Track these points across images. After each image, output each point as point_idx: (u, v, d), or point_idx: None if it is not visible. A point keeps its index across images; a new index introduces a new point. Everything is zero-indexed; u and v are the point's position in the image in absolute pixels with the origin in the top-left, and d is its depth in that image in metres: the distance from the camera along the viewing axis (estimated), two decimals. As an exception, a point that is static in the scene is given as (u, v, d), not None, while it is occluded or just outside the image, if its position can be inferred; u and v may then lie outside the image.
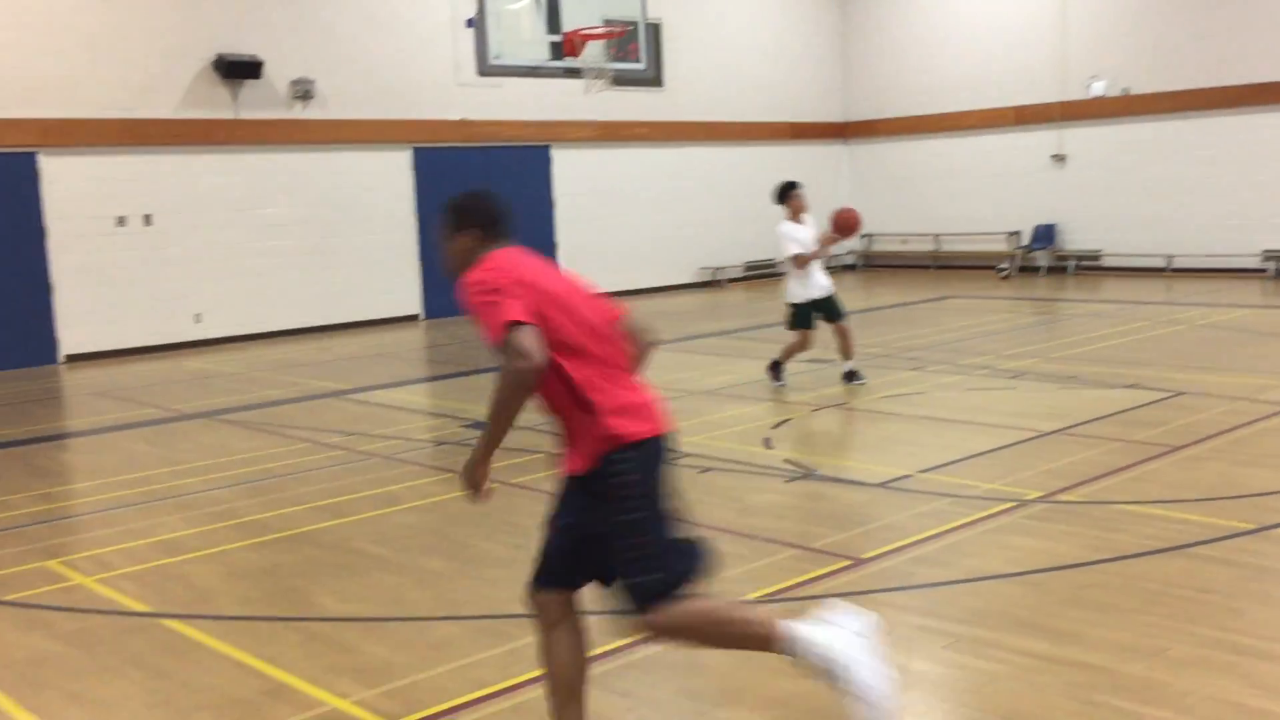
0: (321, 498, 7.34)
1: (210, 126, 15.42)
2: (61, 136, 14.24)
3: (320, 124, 16.37)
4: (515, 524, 6.58)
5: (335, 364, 13.50)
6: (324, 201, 16.58)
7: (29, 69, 13.99)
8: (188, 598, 5.59)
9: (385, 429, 9.46)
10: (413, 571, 5.85)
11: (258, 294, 15.99)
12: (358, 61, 16.72)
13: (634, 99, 19.86)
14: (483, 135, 18.05)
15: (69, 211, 14.40)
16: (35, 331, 14.28)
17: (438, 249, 3.94)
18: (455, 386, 11.77)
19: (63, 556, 6.35)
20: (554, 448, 3.70)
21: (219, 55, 15.31)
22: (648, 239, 20.41)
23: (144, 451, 9.06)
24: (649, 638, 3.71)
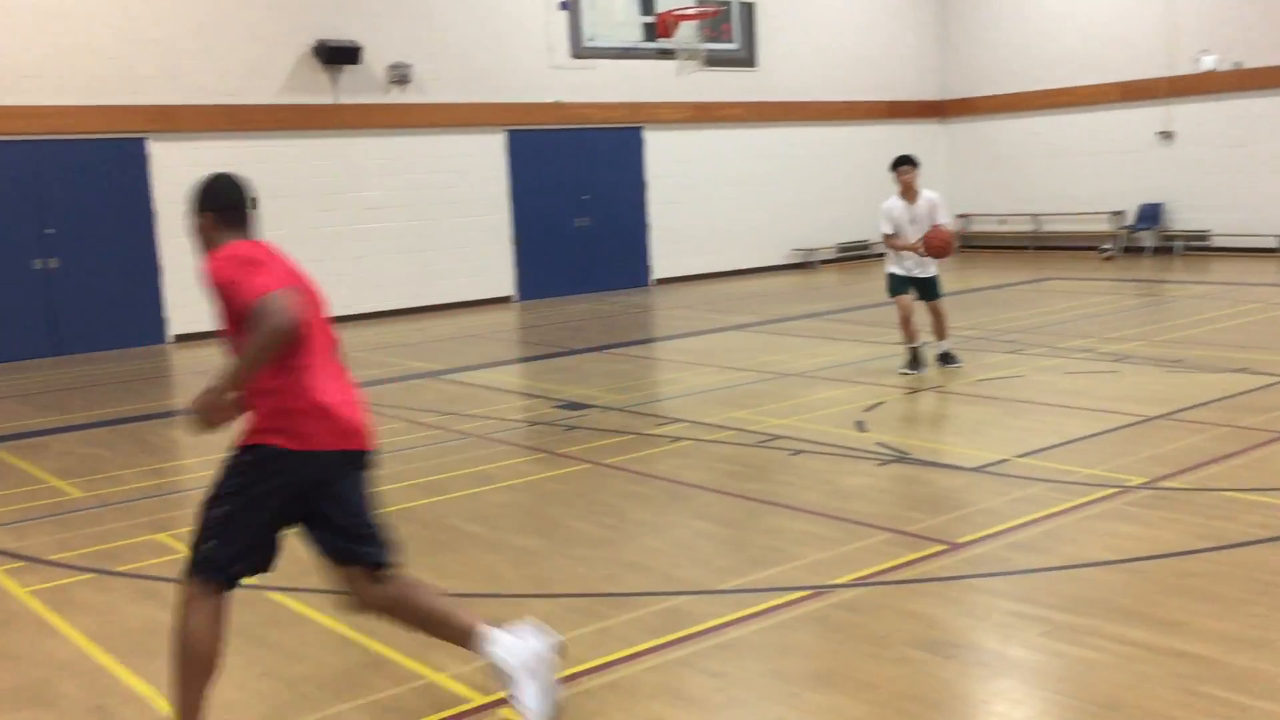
0: (418, 476, 7.48)
1: (310, 112, 15.73)
2: (168, 123, 14.66)
3: (416, 108, 16.59)
4: (608, 504, 6.64)
5: (430, 345, 13.72)
6: (419, 185, 16.81)
7: (138, 58, 14.41)
8: (291, 571, 5.71)
9: (479, 409, 9.59)
10: (506, 549, 5.93)
11: (354, 276, 16.29)
12: (454, 46, 16.90)
13: (727, 79, 19.75)
14: (575, 117, 18.12)
15: (176, 196, 14.81)
16: (145, 312, 14.75)
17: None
18: (548, 367, 11.88)
19: (171, 530, 6.56)
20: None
21: (319, 41, 15.61)
22: (739, 220, 20.32)
23: (248, 429, 9.30)
24: (363, 608, 3.98)
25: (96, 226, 14.32)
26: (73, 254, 14.19)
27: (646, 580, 5.35)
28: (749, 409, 9.02)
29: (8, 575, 5.86)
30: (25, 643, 4.95)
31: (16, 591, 5.61)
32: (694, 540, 5.95)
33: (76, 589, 5.62)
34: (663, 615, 4.90)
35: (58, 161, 14.02)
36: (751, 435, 8.11)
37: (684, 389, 10.19)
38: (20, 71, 13.61)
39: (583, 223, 18.47)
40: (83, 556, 6.10)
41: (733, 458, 7.55)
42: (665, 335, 14.21)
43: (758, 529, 6.05)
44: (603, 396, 9.85)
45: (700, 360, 11.55)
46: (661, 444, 8.04)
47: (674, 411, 9.15)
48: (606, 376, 10.92)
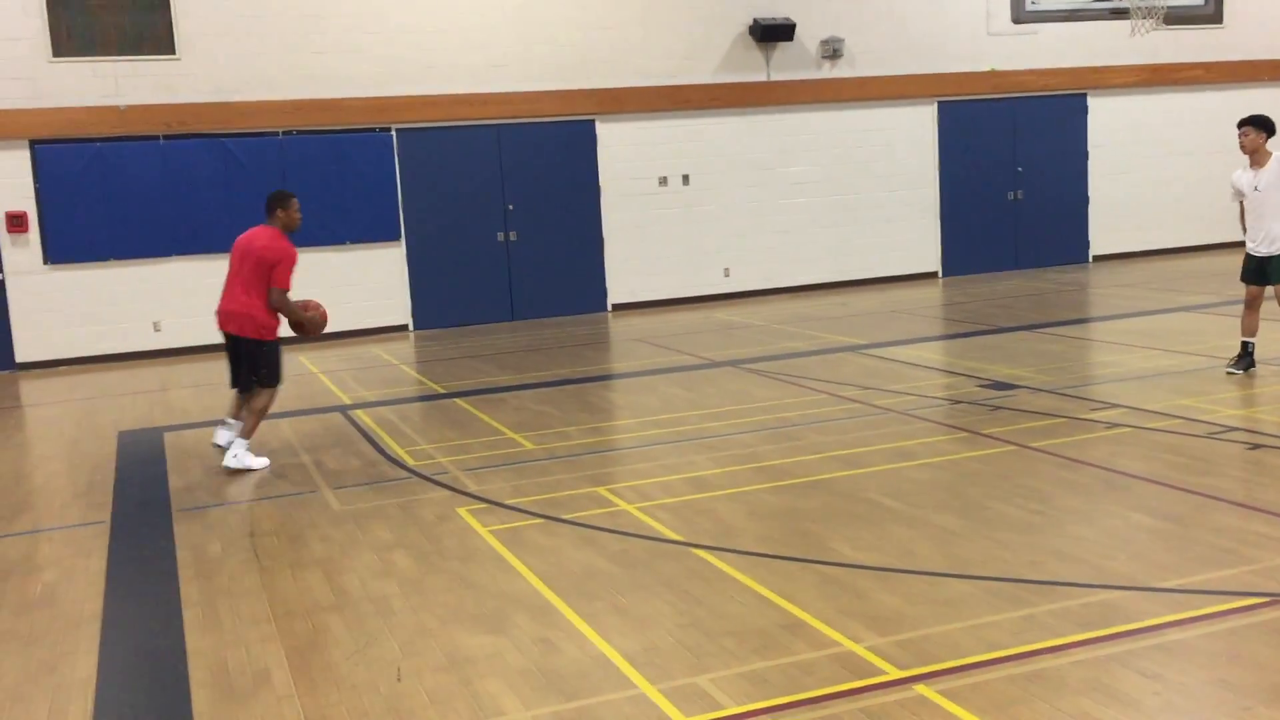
0: (837, 448, 7.54)
1: (744, 90, 16.17)
2: (614, 104, 15.64)
3: (847, 82, 16.59)
4: (1034, 488, 6.36)
5: (853, 319, 13.73)
6: (847, 159, 16.81)
7: (590, 45, 15.48)
8: (715, 531, 6.01)
9: (900, 384, 9.49)
10: (924, 526, 5.86)
11: (781, 250, 16.61)
12: (887, 17, 16.70)
13: (1188, 38, 18.06)
14: (1012, 86, 17.34)
15: (618, 172, 15.81)
16: (589, 282, 15.90)
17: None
18: (972, 345, 11.52)
19: (609, 485, 7.07)
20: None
21: (755, 20, 15.99)
22: (1194, 192, 18.55)
23: (677, 394, 9.81)
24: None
25: (549, 203, 15.59)
26: (529, 228, 15.55)
27: (1075, 570, 5.09)
28: (1199, 397, 8.28)
29: (473, 515, 6.57)
30: (486, 576, 5.54)
31: (480, 530, 6.28)
32: (1130, 533, 5.58)
33: (528, 532, 6.20)
34: (1093, 608, 4.64)
35: (518, 143, 15.39)
36: (1201, 425, 7.44)
37: (1124, 372, 9.52)
38: (491, 62, 15.06)
39: (1016, 195, 17.68)
40: (534, 503, 6.72)
41: (1178, 448, 6.98)
42: (1105, 315, 13.32)
43: (1205, 526, 5.56)
44: (1032, 377, 9.42)
45: (1144, 342, 10.73)
46: (1096, 429, 7.58)
47: (1111, 396, 8.58)
48: (1037, 356, 10.43)
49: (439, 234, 15.13)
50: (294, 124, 14.30)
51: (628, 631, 4.74)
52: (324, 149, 14.46)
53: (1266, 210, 8.88)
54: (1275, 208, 8.85)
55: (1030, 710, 3.83)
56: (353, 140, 14.58)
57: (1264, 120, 8.98)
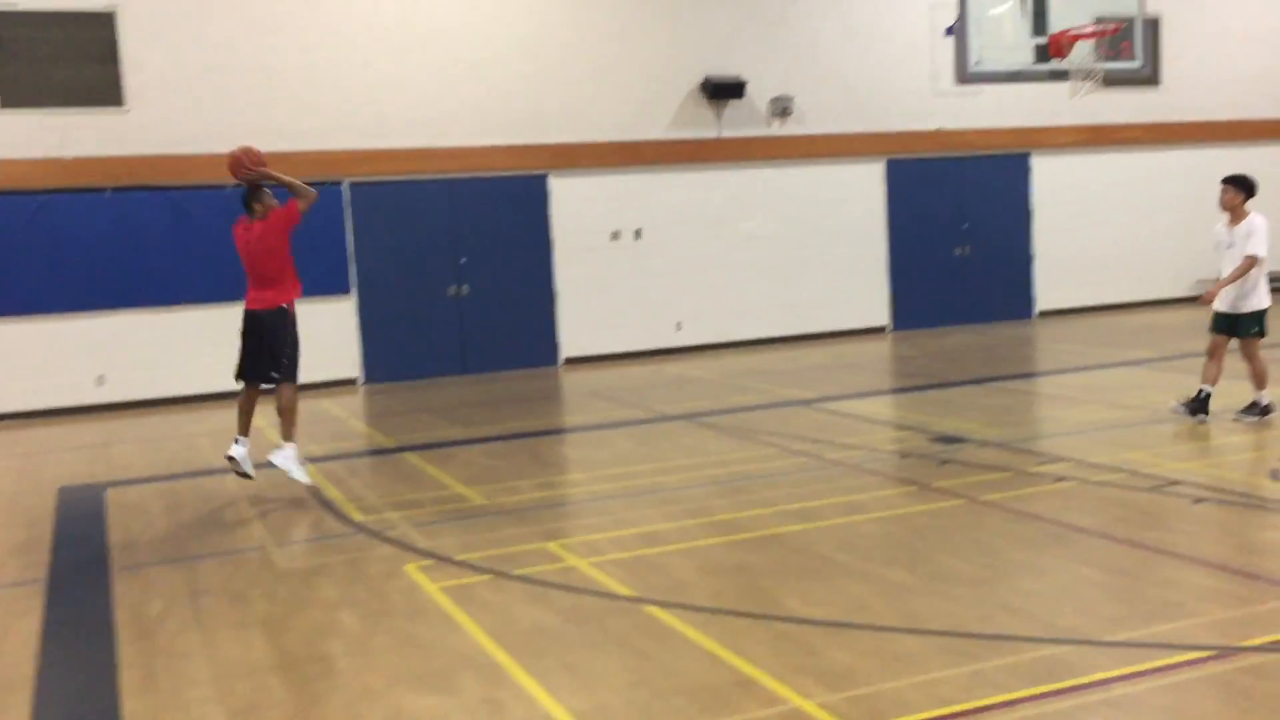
0: (789, 502, 7.54)
1: (696, 146, 16.35)
2: (567, 159, 15.74)
3: (797, 139, 16.82)
4: (984, 542, 6.39)
5: (804, 373, 13.80)
6: (797, 215, 17.01)
7: (542, 99, 15.59)
8: (666, 586, 5.97)
9: (851, 438, 9.54)
10: (876, 580, 5.85)
11: (732, 304, 16.71)
12: (835, 76, 17.00)
13: (1126, 99, 18.55)
14: (958, 144, 17.68)
15: (571, 227, 15.88)
16: (542, 335, 15.88)
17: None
18: (922, 399, 11.62)
19: (560, 539, 7.01)
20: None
21: (706, 77, 16.20)
22: (1135, 249, 18.98)
23: (630, 448, 9.79)
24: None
25: (502, 256, 15.60)
26: (481, 281, 15.53)
27: (1025, 625, 5.10)
28: (1143, 450, 8.39)
29: (421, 571, 6.48)
30: (433, 634, 5.46)
31: (428, 586, 6.19)
32: (1078, 586, 5.61)
33: (477, 588, 6.12)
34: (1042, 663, 4.65)
35: (471, 197, 15.42)
36: (1146, 479, 7.54)
37: (1070, 426, 9.64)
38: (445, 116, 15.12)
39: (962, 251, 17.96)
40: (483, 559, 6.64)
41: (1124, 502, 7.05)
42: (1050, 369, 13.50)
43: (1151, 580, 5.61)
44: (980, 431, 9.51)
45: (1089, 396, 10.88)
46: (1043, 483, 7.65)
47: (1058, 450, 8.67)
48: (985, 410, 10.53)
49: (390, 287, 15.07)
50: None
51: (577, 690, 4.68)
52: (274, 202, 14.38)
53: (1229, 267, 9.19)
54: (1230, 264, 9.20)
55: (981, 767, 3.82)
56: (304, 193, 14.52)
57: (1243, 180, 9.37)
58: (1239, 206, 9.30)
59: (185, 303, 13.95)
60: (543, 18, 15.53)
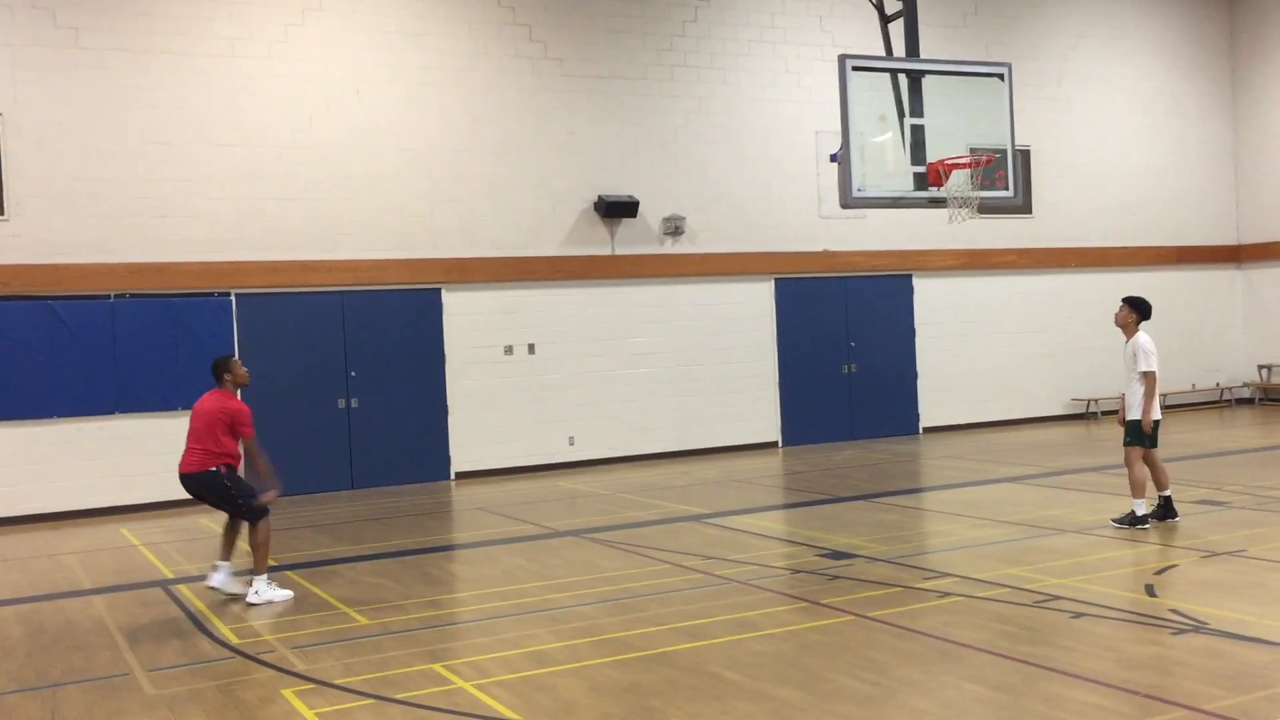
0: (679, 619, 7.48)
1: (590, 263, 16.55)
2: (461, 274, 15.78)
3: (688, 258, 17.16)
4: (871, 659, 6.41)
5: (695, 488, 13.84)
6: (689, 331, 17.25)
7: (438, 214, 15.67)
8: (554, 709, 5.84)
9: (742, 554, 9.55)
10: (765, 700, 5.81)
11: (625, 419, 16.76)
12: (726, 198, 17.46)
13: (1001, 226, 19.42)
14: (844, 265, 18.23)
15: (464, 341, 15.84)
16: (433, 450, 15.67)
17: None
18: (812, 515, 11.72)
19: (446, 660, 6.82)
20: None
21: (600, 196, 16.50)
22: (1014, 369, 19.67)
23: (519, 565, 9.64)
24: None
25: (393, 369, 15.45)
26: (371, 395, 15.33)
27: (913, 743, 5.10)
28: (1025, 566, 8.56)
29: (298, 696, 6.23)
30: (310, 761, 5.22)
31: (305, 713, 5.94)
32: (965, 704, 5.64)
33: (358, 713, 5.90)
34: (930, 783, 4.63)
35: (363, 309, 15.30)
36: (1028, 594, 7.68)
37: (954, 542, 9.81)
38: (337, 229, 15.07)
39: (850, 369, 18.37)
40: (365, 682, 6.42)
41: (1007, 617, 7.16)
42: (935, 485, 13.78)
43: (1035, 696, 5.67)
44: (868, 546, 9.61)
45: (972, 512, 11.10)
46: (930, 599, 7.73)
47: (943, 565, 8.80)
48: (873, 526, 10.66)
49: (276, 399, 14.75)
50: (128, 287, 13.92)
51: (460, 821, 4.50)
52: (157, 313, 14.09)
53: (1126, 378, 9.90)
54: (1128, 378, 9.88)
55: None
56: (188, 304, 14.26)
57: (1137, 302, 10.09)
58: (1130, 325, 10.01)
59: (58, 415, 13.46)
60: (438, 134, 15.70)
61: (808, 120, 17.90)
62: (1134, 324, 10.03)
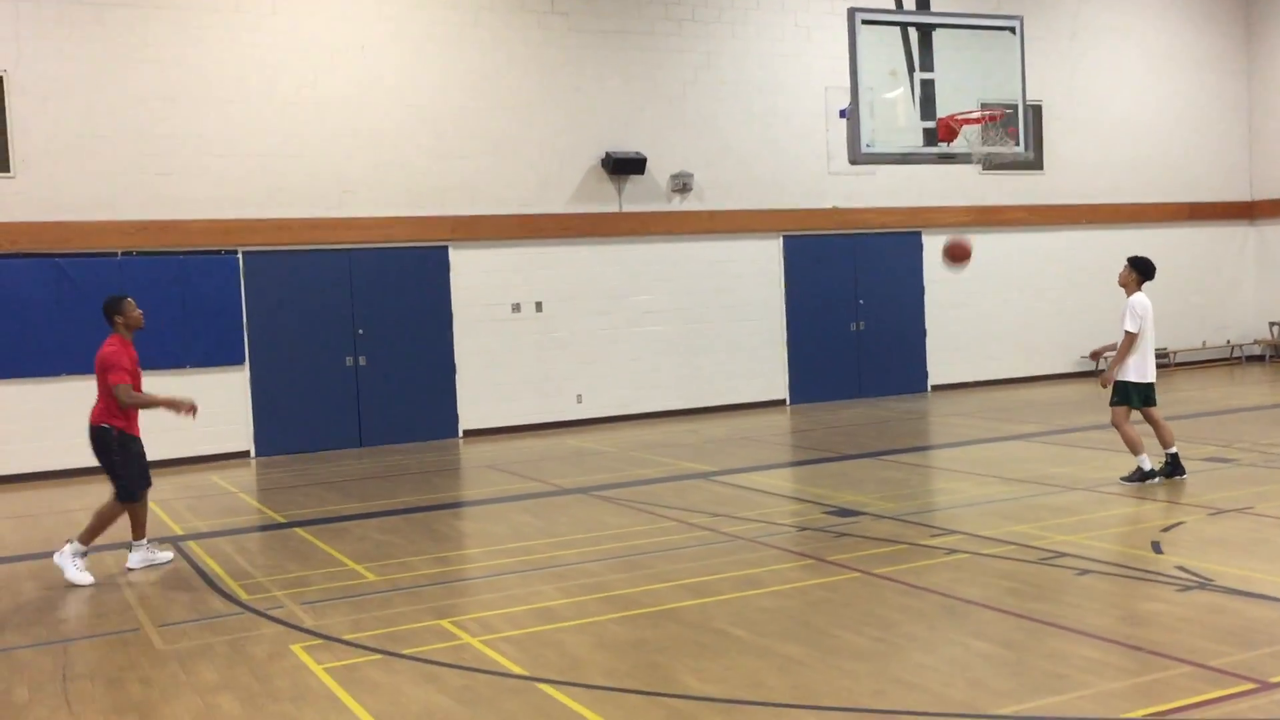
0: (686, 576, 7.51)
1: (597, 220, 16.48)
2: (468, 231, 15.73)
3: (696, 215, 17.07)
4: (878, 615, 6.43)
5: (703, 446, 13.85)
6: (696, 289, 17.20)
7: (445, 172, 15.60)
8: (560, 664, 5.87)
9: (749, 511, 9.57)
10: (771, 656, 5.84)
11: (632, 377, 16.76)
12: (733, 155, 17.34)
13: (1011, 182, 19.27)
14: (853, 222, 18.12)
15: (471, 299, 15.82)
16: (441, 408, 15.70)
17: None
18: (819, 472, 11.73)
19: (453, 617, 6.87)
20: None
21: (607, 153, 16.39)
22: (1023, 326, 19.59)
23: (526, 522, 9.67)
24: None
25: (401, 328, 15.44)
26: (379, 353, 15.34)
27: (917, 699, 5.13)
28: (1031, 523, 8.57)
29: (306, 652, 6.28)
30: (317, 717, 5.27)
31: (314, 667, 5.99)
32: (969, 659, 5.66)
33: (365, 669, 5.95)
34: (934, 738, 4.66)
35: (370, 268, 15.27)
36: (1034, 551, 7.69)
37: (961, 499, 9.81)
38: (344, 186, 15.01)
39: (858, 326, 18.32)
40: (373, 638, 6.47)
41: (1013, 574, 7.17)
42: (942, 443, 13.77)
43: (1039, 652, 5.69)
44: (875, 504, 9.62)
45: (979, 470, 11.10)
46: (936, 556, 7.74)
47: (950, 522, 8.81)
48: (880, 483, 10.67)
49: (285, 358, 14.79)
50: (136, 245, 13.91)
51: (466, 774, 4.55)
52: (165, 271, 14.08)
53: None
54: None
55: (873, 845, 3.79)
56: (196, 262, 14.25)
57: (1140, 262, 10.08)
58: (1131, 284, 10.05)
59: (67, 373, 13.47)
60: (445, 90, 15.59)
61: (817, 75, 17.72)
62: (1135, 283, 10.03)
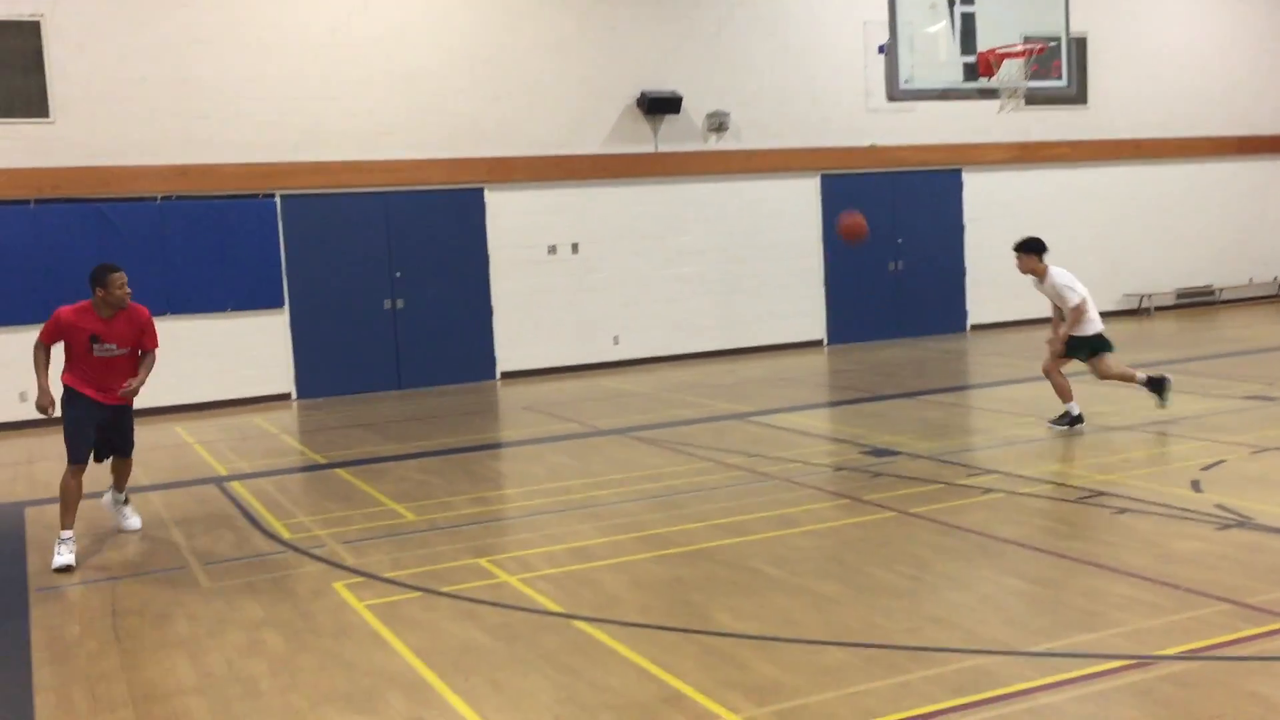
0: (721, 516, 7.56)
1: (633, 161, 16.38)
2: (503, 173, 15.69)
3: (732, 155, 16.93)
4: (913, 554, 6.45)
5: (740, 387, 13.85)
6: (733, 230, 17.10)
7: (480, 113, 15.54)
8: (596, 602, 5.95)
9: (785, 452, 9.58)
10: (805, 594, 5.88)
11: (669, 318, 16.75)
12: (770, 92, 17.13)
13: (1054, 117, 18.92)
14: (891, 160, 17.90)
15: (507, 241, 15.82)
16: (478, 350, 15.79)
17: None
18: (856, 412, 11.71)
19: (491, 555, 6.96)
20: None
21: (643, 93, 16.25)
22: (1066, 264, 19.02)
23: (563, 463, 9.75)
24: None
25: (438, 271, 15.49)
26: (417, 296, 15.41)
27: (950, 636, 5.15)
28: (1069, 463, 8.53)
29: (348, 589, 6.40)
30: (360, 653, 5.38)
31: (356, 605, 6.11)
32: (1003, 597, 5.68)
33: (405, 606, 6.05)
34: (967, 674, 4.69)
35: (406, 210, 15.30)
36: (1071, 490, 7.66)
37: (999, 439, 9.77)
38: (379, 128, 14.99)
39: (896, 266, 18.17)
40: (413, 576, 6.57)
41: (1049, 513, 7.16)
42: (981, 383, 13.69)
43: (1075, 590, 5.69)
44: (912, 444, 9.60)
45: (1018, 409, 11.04)
46: (972, 495, 7.74)
47: (987, 462, 8.78)
48: (917, 423, 10.65)
49: (324, 301, 14.90)
50: (174, 189, 14.01)
51: (504, 708, 4.63)
52: (204, 215, 14.18)
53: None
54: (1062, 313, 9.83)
55: (904, 779, 3.84)
56: (234, 206, 14.33)
57: (1030, 244, 9.95)
58: (1037, 268, 9.88)
59: (112, 317, 13.63)
60: (479, 31, 15.48)
61: (855, 10, 17.40)
62: (1039, 262, 9.84)
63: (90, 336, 7.42)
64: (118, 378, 7.52)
